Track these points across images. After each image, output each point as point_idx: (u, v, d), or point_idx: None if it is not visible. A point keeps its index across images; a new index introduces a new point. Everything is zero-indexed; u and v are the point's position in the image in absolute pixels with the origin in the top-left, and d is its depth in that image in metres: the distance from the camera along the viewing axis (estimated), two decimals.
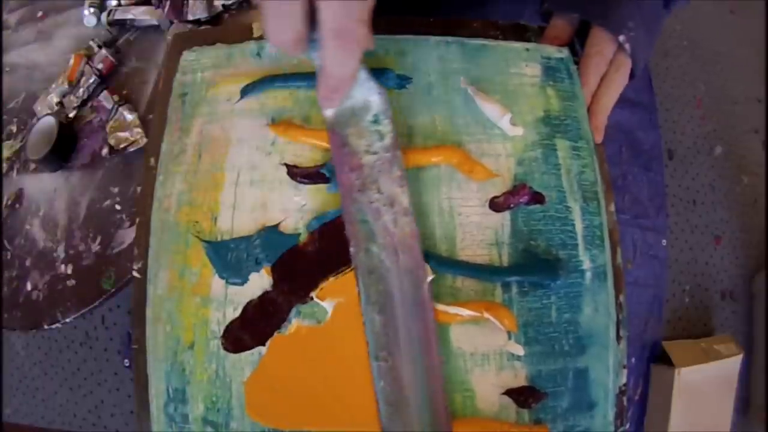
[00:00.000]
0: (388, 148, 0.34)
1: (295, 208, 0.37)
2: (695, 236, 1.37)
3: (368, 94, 0.33)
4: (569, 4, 0.42)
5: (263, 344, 0.35)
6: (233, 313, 0.36)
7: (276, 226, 0.36)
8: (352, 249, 0.34)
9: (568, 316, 0.36)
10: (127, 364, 1.24)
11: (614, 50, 0.40)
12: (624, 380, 0.37)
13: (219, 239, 0.37)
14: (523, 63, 0.41)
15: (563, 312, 0.36)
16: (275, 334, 0.35)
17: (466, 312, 0.34)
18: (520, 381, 0.35)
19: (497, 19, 0.43)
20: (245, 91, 0.40)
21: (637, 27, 0.40)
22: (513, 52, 0.41)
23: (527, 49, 0.41)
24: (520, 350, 0.35)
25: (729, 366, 1.12)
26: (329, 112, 0.33)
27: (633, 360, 1.09)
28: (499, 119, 0.38)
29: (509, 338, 0.35)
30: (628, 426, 0.37)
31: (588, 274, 0.37)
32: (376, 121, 0.34)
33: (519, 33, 0.43)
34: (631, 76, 0.42)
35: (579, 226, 0.38)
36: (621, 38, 0.39)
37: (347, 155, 0.34)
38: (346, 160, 0.34)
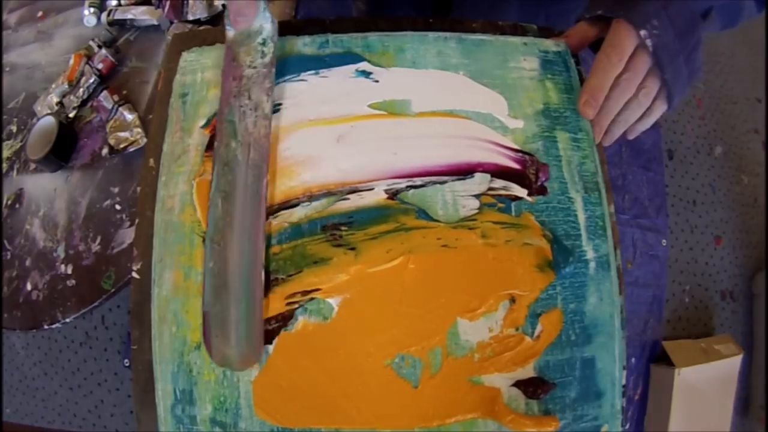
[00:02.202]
0: (266, 65, 0.39)
1: None
2: (695, 236, 1.38)
3: (263, 22, 0.40)
4: (599, 4, 0.40)
5: (270, 342, 0.35)
6: None
7: None
8: (216, 143, 0.38)
9: (573, 306, 0.36)
10: (127, 364, 1.24)
11: (633, 46, 0.37)
12: (624, 380, 0.37)
13: None
14: (521, 57, 0.41)
15: (568, 302, 0.36)
16: (282, 332, 0.35)
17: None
18: (529, 372, 0.35)
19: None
20: None
21: (663, 27, 0.37)
22: (511, 46, 0.41)
23: (525, 43, 0.42)
24: None
25: (729, 366, 1.12)
26: (230, 33, 0.40)
27: (633, 360, 1.09)
28: None
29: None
30: (628, 426, 0.37)
31: (592, 264, 0.37)
32: (263, 43, 0.39)
33: (518, 33, 0.43)
34: (671, 99, 0.39)
35: (581, 217, 0.38)
36: (642, 33, 0.37)
37: (234, 67, 0.39)
38: (231, 71, 0.39)
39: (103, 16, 0.75)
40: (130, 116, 0.66)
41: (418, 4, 0.57)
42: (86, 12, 0.76)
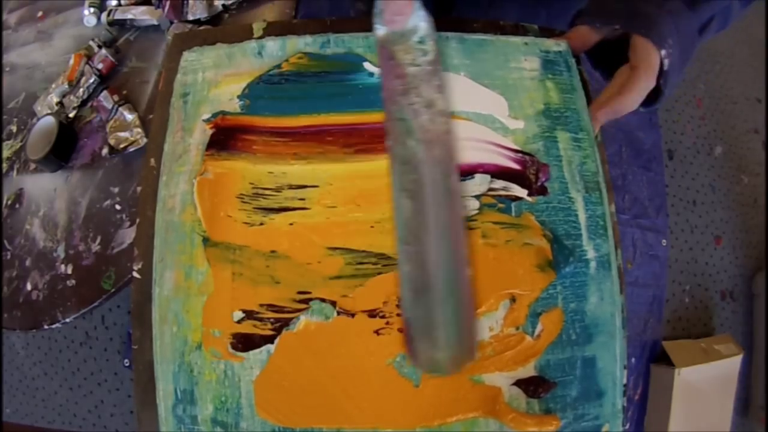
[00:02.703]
0: (431, 63, 0.38)
1: None
2: (695, 236, 1.38)
3: (417, 21, 0.39)
4: (610, 16, 0.41)
5: (272, 342, 0.35)
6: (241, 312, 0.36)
7: None
8: (389, 142, 0.37)
9: (574, 306, 0.36)
10: (127, 364, 1.24)
11: (659, 63, 0.39)
12: (624, 379, 0.37)
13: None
14: (522, 57, 0.41)
15: (569, 301, 0.36)
16: (284, 331, 0.35)
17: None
18: (529, 371, 0.35)
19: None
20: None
21: (674, 46, 0.38)
22: (512, 46, 0.42)
23: (526, 43, 0.42)
24: None
25: (729, 366, 1.12)
26: (381, 31, 0.39)
27: (633, 360, 1.09)
28: None
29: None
30: (628, 426, 0.37)
31: (592, 264, 0.37)
32: (421, 42, 0.39)
33: (519, 33, 0.43)
34: (657, 99, 0.41)
35: (582, 216, 0.38)
36: (663, 53, 0.38)
37: (393, 66, 0.38)
38: (391, 69, 0.38)
39: (103, 16, 0.75)
40: (130, 116, 0.66)
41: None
42: (86, 12, 0.76)
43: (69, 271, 0.64)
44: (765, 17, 1.52)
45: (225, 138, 0.39)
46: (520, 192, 0.38)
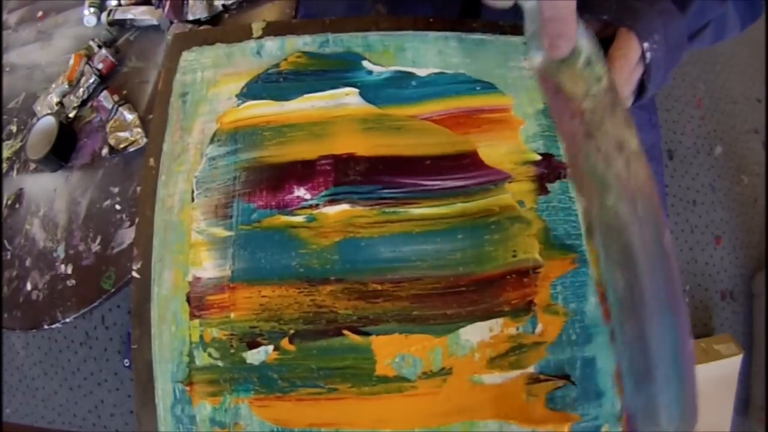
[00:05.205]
0: (608, 90, 0.31)
1: None
2: (695, 236, 1.38)
3: (580, 37, 0.32)
4: (600, 8, 0.41)
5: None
6: None
7: None
8: (584, 204, 0.32)
9: (573, 306, 0.36)
10: (127, 364, 1.24)
11: (638, 56, 0.39)
12: None
13: None
14: (521, 56, 0.41)
15: (569, 301, 0.36)
16: None
17: None
18: (529, 372, 0.35)
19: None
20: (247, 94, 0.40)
21: (659, 43, 0.38)
22: (511, 45, 0.42)
23: (525, 43, 0.42)
24: None
25: (729, 366, 1.12)
26: (536, 62, 0.31)
27: None
28: None
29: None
30: None
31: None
32: (589, 64, 0.31)
33: (519, 33, 0.43)
34: (640, 97, 0.41)
35: (582, 216, 0.38)
36: (645, 45, 0.38)
37: (565, 101, 0.32)
38: (564, 106, 0.32)
39: (103, 16, 0.75)
40: (130, 116, 0.66)
41: (436, 7, 0.55)
42: (86, 12, 0.76)
43: (69, 271, 0.64)
44: (765, 17, 1.52)
45: None
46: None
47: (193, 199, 0.38)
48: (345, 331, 0.35)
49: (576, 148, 0.31)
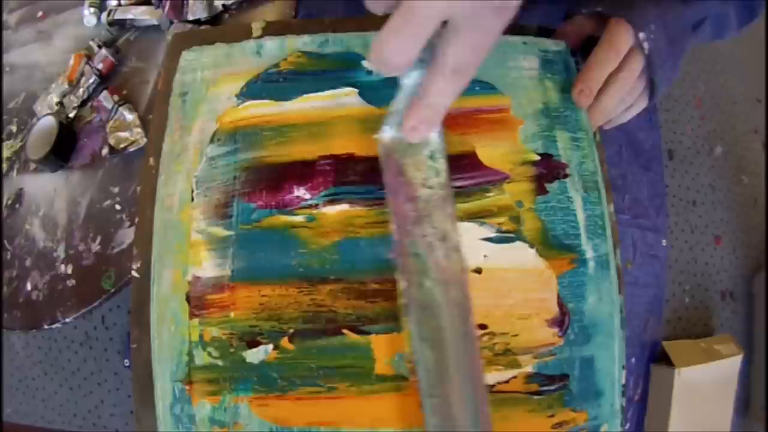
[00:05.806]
0: (443, 186, 0.33)
1: None
2: (695, 236, 1.38)
3: None
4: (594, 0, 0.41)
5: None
6: None
7: None
8: (403, 283, 0.33)
9: (572, 306, 0.36)
10: (127, 364, 1.24)
11: (629, 45, 0.39)
12: (623, 379, 0.37)
13: None
14: (520, 56, 0.41)
15: (567, 301, 0.36)
16: None
17: None
18: (527, 371, 0.36)
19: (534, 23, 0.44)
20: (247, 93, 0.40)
21: (658, 32, 0.38)
22: (510, 45, 0.42)
23: (524, 43, 0.42)
24: None
25: (729, 366, 1.12)
26: (386, 137, 0.33)
27: (633, 360, 1.09)
28: None
29: None
30: (627, 426, 0.37)
31: (591, 264, 0.37)
32: (432, 157, 0.33)
33: (518, 32, 0.43)
34: (653, 95, 0.41)
35: (581, 216, 0.38)
36: (641, 35, 0.38)
37: (404, 185, 0.33)
38: (402, 189, 0.33)
39: (103, 16, 0.75)
40: (130, 116, 0.66)
41: None
42: (86, 12, 0.76)
43: (69, 271, 0.64)
44: (765, 17, 1.52)
45: None
46: None
47: (192, 199, 0.38)
48: (344, 330, 0.35)
49: (404, 231, 0.33)
